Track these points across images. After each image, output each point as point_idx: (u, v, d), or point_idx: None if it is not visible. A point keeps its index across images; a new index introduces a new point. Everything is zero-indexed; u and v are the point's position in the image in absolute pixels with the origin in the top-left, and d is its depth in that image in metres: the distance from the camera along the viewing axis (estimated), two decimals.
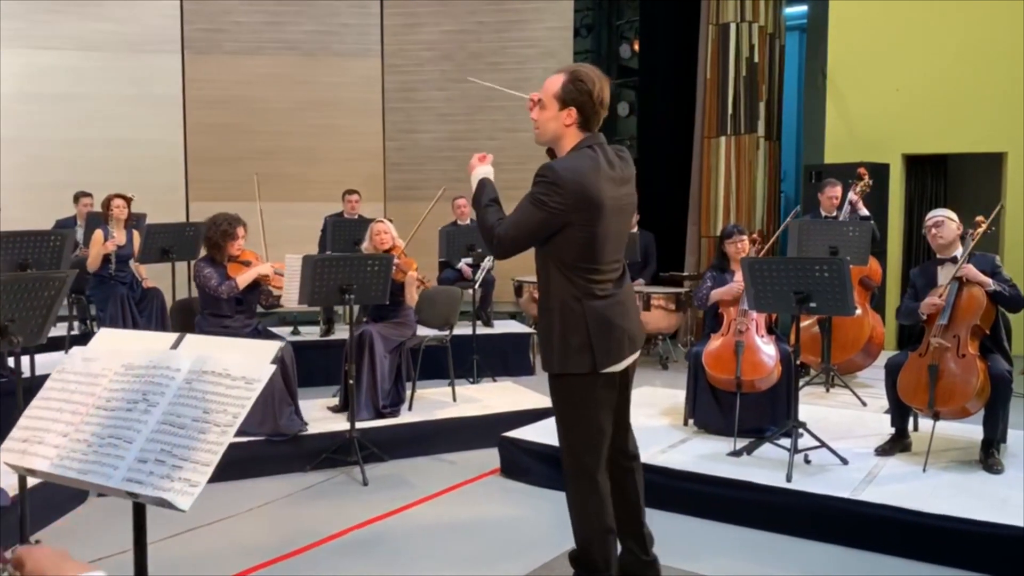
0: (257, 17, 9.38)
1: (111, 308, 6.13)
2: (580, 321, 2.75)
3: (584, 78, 2.73)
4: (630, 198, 2.88)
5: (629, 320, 2.84)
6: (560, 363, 2.79)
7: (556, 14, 9.47)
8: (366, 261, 4.74)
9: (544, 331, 2.84)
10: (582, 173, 2.68)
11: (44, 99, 8.83)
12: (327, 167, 9.34)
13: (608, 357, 2.76)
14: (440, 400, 5.68)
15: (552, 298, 2.79)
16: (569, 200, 2.65)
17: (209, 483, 4.45)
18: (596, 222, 2.71)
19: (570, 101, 2.74)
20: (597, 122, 2.80)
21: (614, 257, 2.83)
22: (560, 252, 2.74)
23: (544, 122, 2.79)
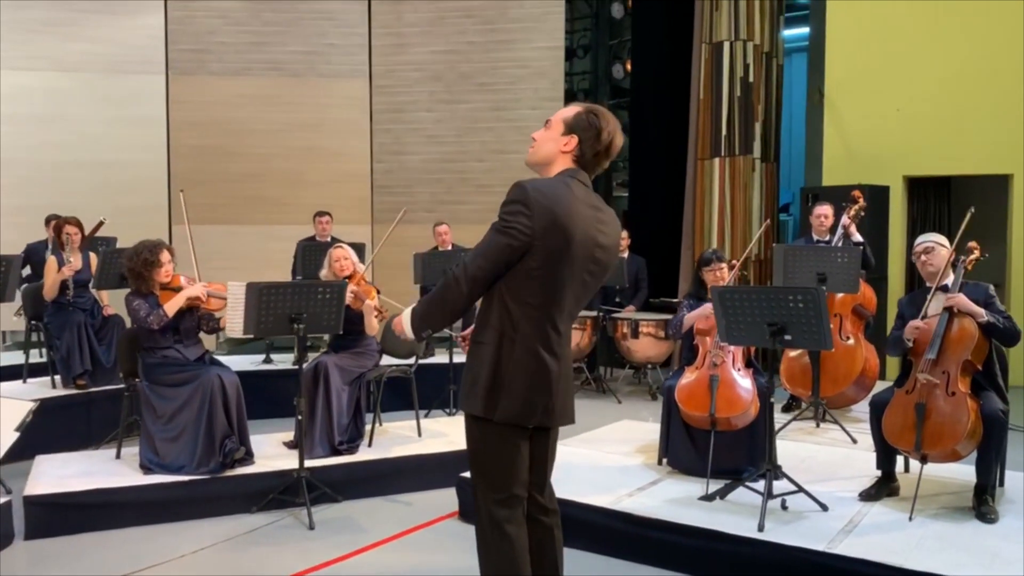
0: (243, 38, 9.23)
1: (67, 336, 5.89)
2: (505, 366, 2.48)
3: (600, 115, 2.54)
4: (606, 253, 2.57)
5: (554, 391, 2.52)
6: (474, 403, 2.52)
7: (547, 34, 9.25)
8: (317, 288, 4.47)
9: (469, 366, 2.56)
10: (555, 198, 2.42)
11: (25, 120, 8.69)
12: (313, 189, 9.13)
13: (510, 411, 2.49)
14: (404, 435, 5.39)
15: (489, 331, 2.51)
16: (536, 223, 2.39)
17: (144, 525, 4.22)
18: (560, 258, 2.44)
19: (576, 130, 2.52)
20: (595, 165, 2.56)
21: (569, 307, 2.54)
22: (512, 281, 2.46)
23: (542, 142, 2.58)
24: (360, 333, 5.06)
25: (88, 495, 4.29)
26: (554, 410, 2.55)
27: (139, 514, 4.33)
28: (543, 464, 2.69)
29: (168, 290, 4.75)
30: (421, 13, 9.35)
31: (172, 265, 4.81)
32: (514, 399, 2.48)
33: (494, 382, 2.48)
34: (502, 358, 2.48)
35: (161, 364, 4.63)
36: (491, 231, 2.46)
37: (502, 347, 2.48)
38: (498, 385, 2.48)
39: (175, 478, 4.46)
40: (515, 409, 2.49)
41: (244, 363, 7.09)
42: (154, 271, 4.68)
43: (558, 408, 2.56)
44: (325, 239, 7.59)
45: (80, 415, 5.78)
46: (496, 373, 2.48)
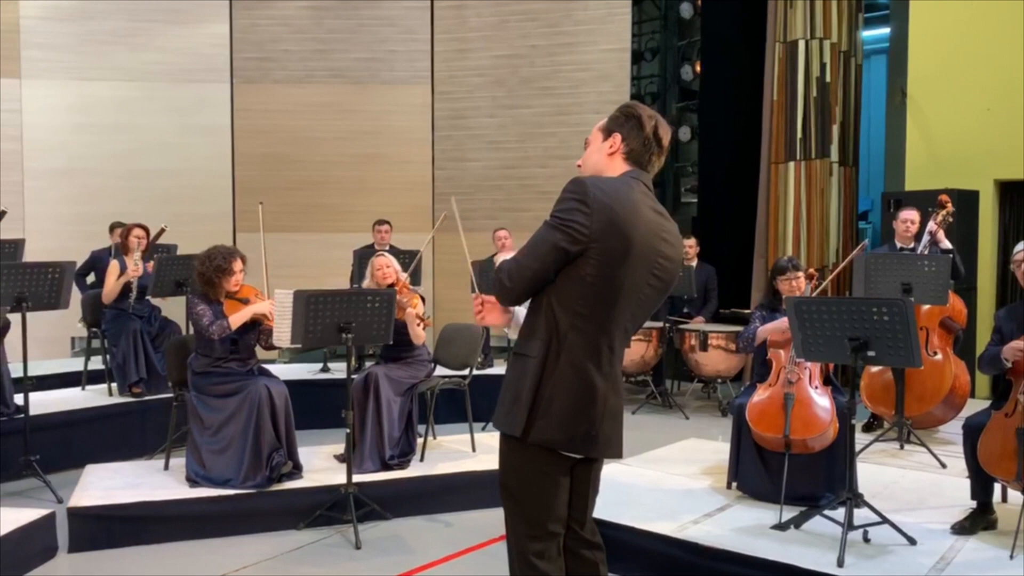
0: (306, 45, 9.21)
1: (123, 343, 5.87)
2: (548, 383, 2.23)
3: (633, 106, 2.36)
4: (669, 264, 2.32)
5: (600, 415, 2.26)
6: (511, 423, 2.27)
7: (612, 36, 8.98)
8: (366, 297, 4.29)
9: (511, 381, 2.31)
10: (616, 195, 2.19)
11: (96, 130, 8.82)
12: (373, 197, 9.04)
13: (548, 434, 2.24)
14: (458, 450, 5.17)
15: (534, 343, 2.26)
16: (595, 223, 2.15)
17: (188, 540, 4.09)
18: (618, 264, 2.19)
19: (614, 128, 2.32)
20: (650, 161, 2.33)
21: (624, 323, 2.28)
22: (561, 289, 2.22)
23: (587, 159, 2.39)
24: (410, 343, 4.87)
25: (132, 508, 4.19)
26: (597, 439, 2.28)
27: (183, 529, 4.21)
28: (584, 498, 2.42)
29: (233, 299, 4.63)
30: (484, 17, 9.20)
31: (242, 275, 4.69)
32: (551, 421, 2.22)
33: (534, 400, 2.23)
34: (545, 374, 2.23)
35: (208, 374, 4.51)
36: (543, 228, 2.22)
37: (546, 360, 2.23)
38: (537, 403, 2.23)
39: (221, 492, 4.33)
40: (552, 433, 2.23)
41: (301, 372, 7.00)
42: (224, 278, 4.56)
43: (602, 437, 2.29)
44: (384, 248, 7.45)
45: (134, 423, 5.74)
46: (540, 390, 2.23)
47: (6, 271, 4.91)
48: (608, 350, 2.26)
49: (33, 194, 8.68)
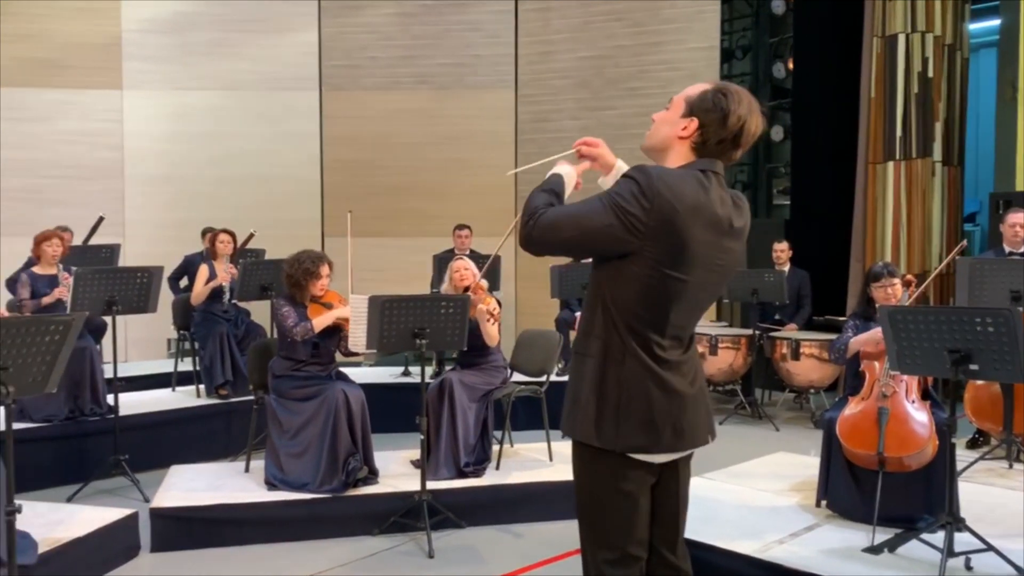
0: (392, 52, 9.30)
1: (211, 346, 6.01)
2: (614, 383, 2.09)
3: (729, 94, 2.12)
4: (731, 256, 2.18)
5: (680, 407, 2.12)
6: (580, 428, 2.13)
7: (701, 34, 8.75)
8: (440, 303, 4.25)
9: (572, 382, 2.19)
10: (680, 193, 2.02)
11: (191, 138, 9.10)
12: (457, 201, 9.05)
13: (633, 439, 2.09)
14: (535, 458, 5.07)
15: (592, 342, 2.13)
16: (652, 220, 2.00)
17: (265, 543, 4.12)
18: (674, 265, 2.05)
19: (698, 111, 2.12)
20: (722, 154, 2.14)
21: (683, 322, 2.15)
22: (615, 287, 2.09)
23: (659, 123, 2.19)
24: (484, 348, 4.80)
25: (212, 510, 4.25)
26: (684, 432, 2.13)
27: (260, 531, 4.26)
28: (673, 512, 2.26)
29: (318, 304, 4.68)
30: (569, 19, 9.10)
31: (329, 280, 4.74)
32: (633, 422, 2.08)
33: (604, 402, 2.10)
34: (609, 373, 2.10)
35: (288, 377, 4.56)
36: (598, 202, 2.04)
37: (609, 360, 2.10)
38: (611, 405, 2.09)
39: (297, 496, 4.35)
40: (636, 438, 2.08)
41: (382, 375, 7.04)
42: (312, 282, 4.62)
43: (688, 428, 2.13)
44: (464, 252, 7.43)
45: (220, 425, 5.86)
46: (605, 391, 2.10)
47: (98, 275, 5.07)
48: (664, 346, 2.12)
49: (132, 200, 9.02)
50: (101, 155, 8.89)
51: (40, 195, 8.61)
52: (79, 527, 3.85)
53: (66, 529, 3.81)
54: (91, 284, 4.95)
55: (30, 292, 5.39)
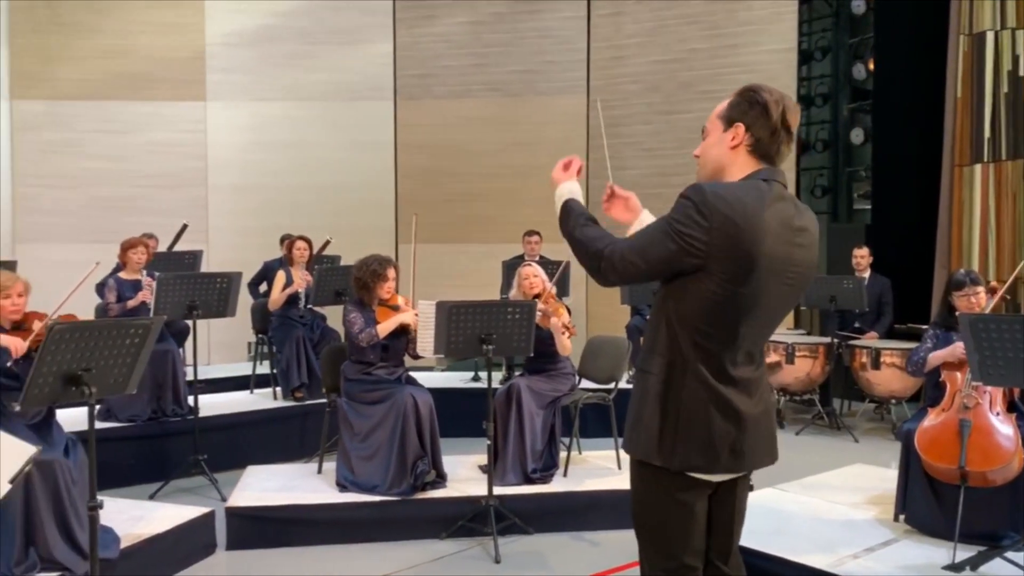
0: (464, 60, 9.39)
1: (287, 349, 6.16)
2: (675, 402, 2.07)
3: (757, 88, 2.11)
4: (803, 268, 2.12)
5: (741, 428, 2.08)
6: (641, 447, 2.12)
7: (777, 36, 8.58)
8: (506, 308, 4.27)
9: (634, 400, 2.17)
10: (741, 207, 1.98)
11: (271, 147, 9.35)
12: (528, 208, 9.05)
13: (692, 459, 2.07)
14: (603, 466, 5.04)
15: (655, 359, 2.11)
16: (714, 239, 1.96)
17: (335, 544, 4.19)
18: (743, 279, 2.00)
19: (736, 116, 2.09)
20: (778, 151, 2.10)
21: (755, 337, 2.11)
22: (682, 303, 2.05)
23: (705, 151, 2.17)
24: (553, 354, 4.80)
25: (285, 510, 4.35)
26: (744, 454, 2.09)
27: (332, 532, 4.33)
28: (728, 525, 2.23)
29: (386, 307, 4.77)
30: (641, 23, 9.03)
31: (395, 283, 4.83)
32: (692, 443, 2.06)
33: (665, 421, 2.07)
34: (671, 392, 2.07)
35: (359, 381, 4.64)
36: (660, 229, 2.04)
37: (671, 379, 2.08)
38: (671, 425, 2.07)
39: (367, 498, 4.42)
40: (695, 457, 2.06)
41: (452, 380, 7.09)
42: (379, 283, 4.72)
43: (749, 450, 2.10)
44: (534, 258, 7.44)
45: (295, 427, 6.00)
46: (666, 410, 2.08)
47: (180, 280, 5.26)
48: (733, 364, 2.08)
49: (215, 208, 9.32)
50: (186, 164, 9.22)
51: (128, 203, 8.97)
52: (159, 524, 3.99)
53: (147, 525, 3.95)
54: (173, 289, 5.13)
55: (116, 296, 5.62)
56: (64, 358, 2.91)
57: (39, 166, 8.97)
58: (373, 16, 9.38)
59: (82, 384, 2.93)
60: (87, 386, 2.94)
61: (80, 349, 2.94)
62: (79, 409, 3.00)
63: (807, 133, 9.81)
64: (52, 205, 8.95)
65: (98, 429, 4.75)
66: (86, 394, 2.94)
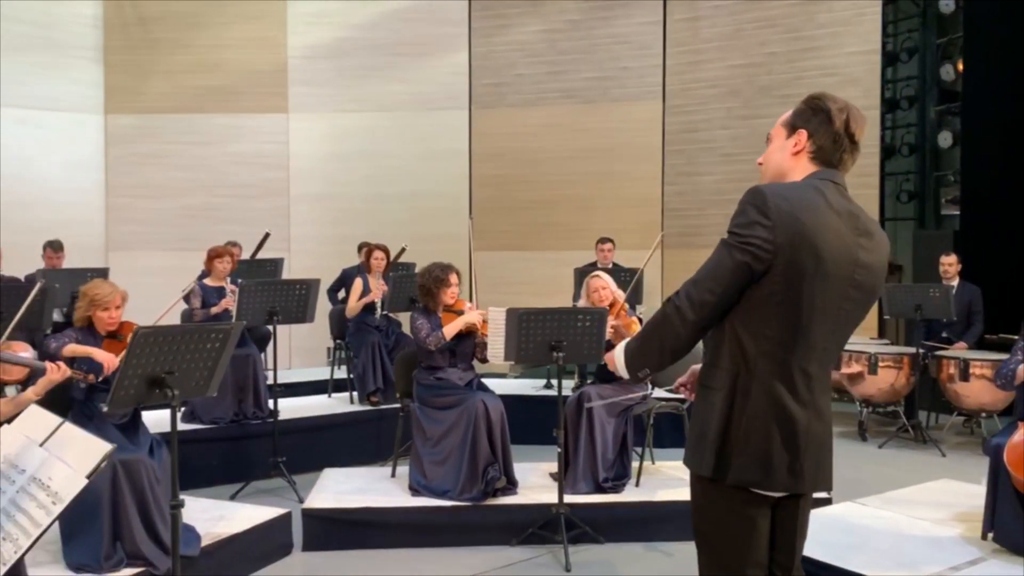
0: (539, 68, 9.43)
1: (363, 355, 6.28)
2: (737, 417, 2.04)
3: (822, 96, 2.10)
4: (870, 273, 2.07)
5: (802, 448, 2.04)
6: (705, 461, 2.08)
7: (861, 37, 8.35)
8: (577, 315, 4.26)
9: (696, 415, 2.15)
10: (801, 204, 1.97)
11: (350, 157, 9.56)
12: (602, 215, 9.04)
13: (748, 475, 2.03)
14: (676, 476, 4.97)
15: (719, 373, 2.07)
16: (779, 236, 1.93)
17: (407, 548, 4.25)
18: (808, 280, 1.96)
19: (799, 123, 2.09)
20: (840, 160, 2.08)
21: (826, 342, 2.06)
22: (747, 312, 2.02)
23: (768, 157, 2.17)
24: None
25: (359, 512, 4.43)
26: (802, 473, 2.05)
27: (403, 536, 4.39)
28: (790, 537, 2.18)
29: (451, 312, 4.85)
30: (719, 27, 8.92)
31: (458, 288, 4.90)
32: (750, 458, 2.03)
33: (724, 437, 2.05)
34: (735, 407, 2.04)
35: (431, 386, 4.70)
36: (720, 248, 2.03)
37: (735, 393, 2.04)
38: (729, 440, 2.04)
39: (439, 503, 4.47)
40: (751, 472, 2.03)
41: (524, 387, 7.11)
42: (442, 289, 4.80)
43: (807, 470, 2.06)
44: (606, 266, 7.41)
45: (370, 431, 6.10)
46: (727, 426, 2.04)
47: (261, 287, 5.41)
48: (804, 375, 2.04)
49: (297, 217, 9.57)
50: (268, 175, 9.50)
51: (213, 213, 9.30)
52: (238, 524, 4.11)
53: (227, 525, 4.07)
54: (254, 296, 5.29)
55: (201, 302, 5.82)
56: (148, 361, 3.03)
57: (130, 177, 9.37)
58: (448, 27, 9.50)
59: (165, 387, 3.05)
60: (170, 388, 3.06)
61: (163, 353, 3.06)
62: (164, 411, 3.11)
63: (892, 137, 9.53)
64: (142, 215, 9.34)
65: (182, 431, 4.96)
66: (169, 396, 3.05)
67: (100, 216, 9.35)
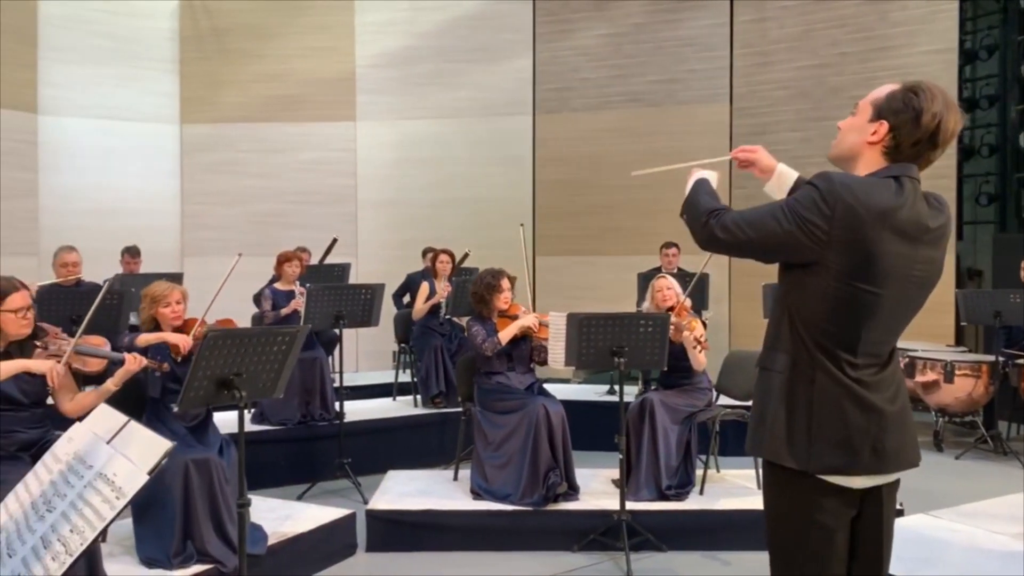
0: (603, 72, 9.40)
1: (427, 358, 6.35)
2: (804, 399, 1.97)
3: (921, 92, 1.97)
4: (930, 266, 2.01)
5: (881, 426, 1.96)
6: (767, 446, 2.01)
7: (936, 36, 8.10)
8: (638, 321, 4.23)
9: (757, 399, 2.09)
10: (867, 200, 1.90)
11: (415, 164, 9.68)
12: (668, 219, 8.88)
13: (828, 459, 1.95)
14: (741, 485, 4.89)
15: (778, 355, 2.03)
16: (835, 229, 1.89)
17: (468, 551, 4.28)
18: (863, 277, 1.92)
19: (887, 114, 1.99)
20: (917, 157, 2.00)
21: (880, 338, 2.00)
22: (802, 300, 1.98)
23: (846, 130, 2.10)
24: (688, 369, 4.71)
25: (421, 515, 4.48)
26: (886, 453, 1.97)
27: (464, 539, 4.42)
28: (876, 549, 2.07)
29: (506, 317, 4.87)
30: (787, 28, 8.76)
31: (511, 293, 4.92)
32: (827, 440, 1.95)
33: (793, 418, 1.97)
34: (798, 387, 1.98)
35: (492, 390, 4.73)
36: (776, 207, 1.98)
37: (796, 375, 1.99)
38: (801, 422, 1.97)
39: (500, 507, 4.48)
40: (833, 456, 1.95)
41: (587, 393, 7.08)
42: (494, 295, 4.83)
43: (891, 449, 1.97)
44: (671, 271, 7.33)
45: (433, 433, 6.16)
46: (793, 406, 1.98)
47: (328, 291, 5.51)
48: (863, 367, 1.98)
49: (364, 223, 9.73)
50: (336, 181, 9.68)
51: (282, 219, 9.51)
52: (304, 523, 4.19)
53: (293, 524, 4.16)
54: (321, 299, 5.39)
55: (271, 305, 5.96)
56: (217, 363, 3.12)
57: (204, 185, 9.66)
58: (512, 33, 9.55)
59: (233, 388, 3.14)
60: (238, 390, 3.13)
61: (232, 355, 3.14)
62: (234, 412, 3.19)
63: (971, 137, 9.20)
64: (214, 221, 9.61)
65: (251, 431, 5.10)
66: (237, 397, 3.13)
67: (176, 222, 9.66)
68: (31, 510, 1.55)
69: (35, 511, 1.53)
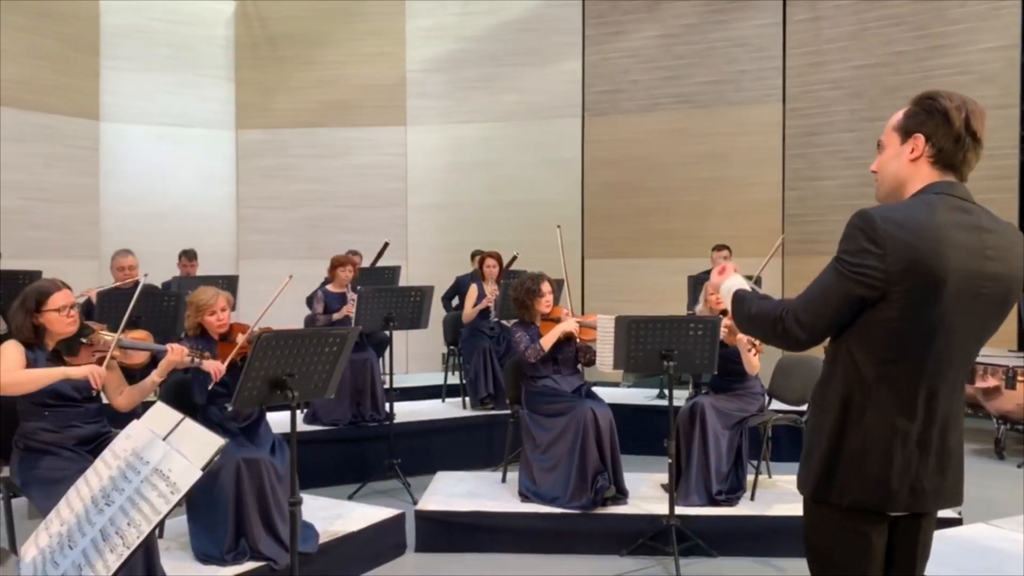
0: (653, 74, 9.35)
1: (475, 360, 6.38)
2: (855, 438, 1.94)
3: (937, 95, 1.94)
4: (998, 284, 1.93)
5: (925, 465, 1.95)
6: (812, 482, 2.01)
7: (997, 32, 7.88)
8: (688, 324, 4.19)
9: (809, 436, 2.07)
10: (914, 226, 1.85)
11: (465, 167, 9.74)
12: (719, 221, 8.87)
13: (866, 493, 1.94)
14: (793, 491, 4.76)
15: (830, 394, 1.99)
16: (891, 266, 1.83)
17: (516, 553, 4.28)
18: (928, 304, 1.86)
19: (914, 127, 1.94)
20: (964, 160, 1.94)
21: (954, 360, 1.95)
22: (862, 332, 1.93)
23: (883, 166, 2.03)
24: (740, 373, 4.64)
25: (470, 516, 4.50)
26: (924, 492, 1.95)
27: (513, 540, 4.43)
28: (910, 562, 2.06)
29: (548, 321, 4.88)
30: (841, 27, 8.61)
31: (552, 296, 4.93)
32: (866, 480, 1.94)
33: (838, 459, 1.95)
34: (847, 428, 1.95)
35: (540, 393, 4.73)
36: (831, 272, 1.93)
37: (848, 415, 1.95)
38: (844, 462, 1.95)
39: (548, 509, 4.48)
40: (868, 492, 1.94)
41: (636, 397, 7.04)
42: (535, 300, 4.83)
43: (931, 488, 1.95)
44: None
45: (482, 435, 6.18)
46: (839, 447, 1.95)
47: (378, 294, 5.58)
48: (929, 392, 1.92)
49: (415, 226, 9.82)
50: (388, 185, 9.80)
51: (335, 222, 9.66)
52: (354, 523, 4.24)
53: (344, 524, 4.21)
54: (372, 302, 5.46)
55: (324, 307, 6.05)
56: (270, 364, 3.18)
57: (258, 189, 9.86)
58: (562, 36, 9.55)
59: (286, 388, 3.19)
60: (290, 390, 3.19)
61: (284, 356, 3.20)
62: (287, 412, 3.25)
63: None
64: (269, 225, 9.80)
65: (303, 431, 5.18)
66: (289, 397, 3.19)
67: (231, 226, 9.86)
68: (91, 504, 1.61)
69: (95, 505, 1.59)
